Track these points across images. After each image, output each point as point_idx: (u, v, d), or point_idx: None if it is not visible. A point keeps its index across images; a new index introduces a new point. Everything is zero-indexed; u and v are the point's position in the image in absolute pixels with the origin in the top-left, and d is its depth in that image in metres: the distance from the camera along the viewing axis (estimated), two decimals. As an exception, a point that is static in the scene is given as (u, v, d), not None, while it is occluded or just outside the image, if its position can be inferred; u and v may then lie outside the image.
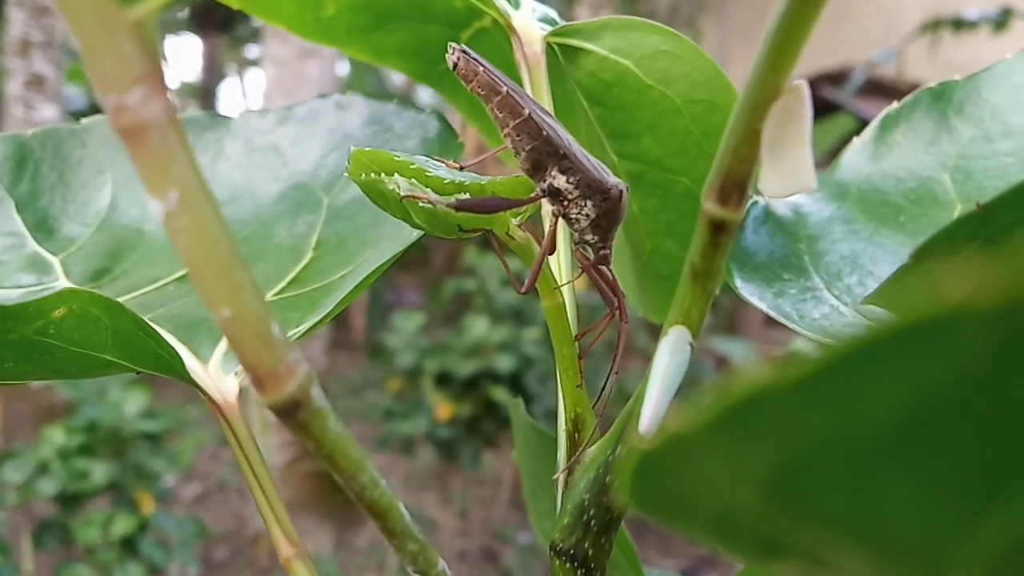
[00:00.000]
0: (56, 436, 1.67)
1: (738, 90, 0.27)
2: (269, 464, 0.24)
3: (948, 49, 3.11)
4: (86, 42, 0.13)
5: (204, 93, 6.43)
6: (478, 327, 2.27)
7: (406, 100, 0.34)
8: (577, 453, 0.23)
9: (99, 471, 1.65)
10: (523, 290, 0.22)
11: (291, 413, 0.15)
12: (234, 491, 2.70)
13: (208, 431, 2.35)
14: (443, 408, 2.25)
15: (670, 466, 0.10)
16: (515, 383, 2.22)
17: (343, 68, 2.70)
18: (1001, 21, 2.73)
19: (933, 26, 2.89)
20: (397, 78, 4.20)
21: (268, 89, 2.26)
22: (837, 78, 3.44)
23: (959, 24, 2.84)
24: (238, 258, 0.14)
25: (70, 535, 1.64)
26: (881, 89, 3.53)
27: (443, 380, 2.26)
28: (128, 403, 1.73)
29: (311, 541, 2.10)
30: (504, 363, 2.19)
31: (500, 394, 2.18)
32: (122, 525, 1.63)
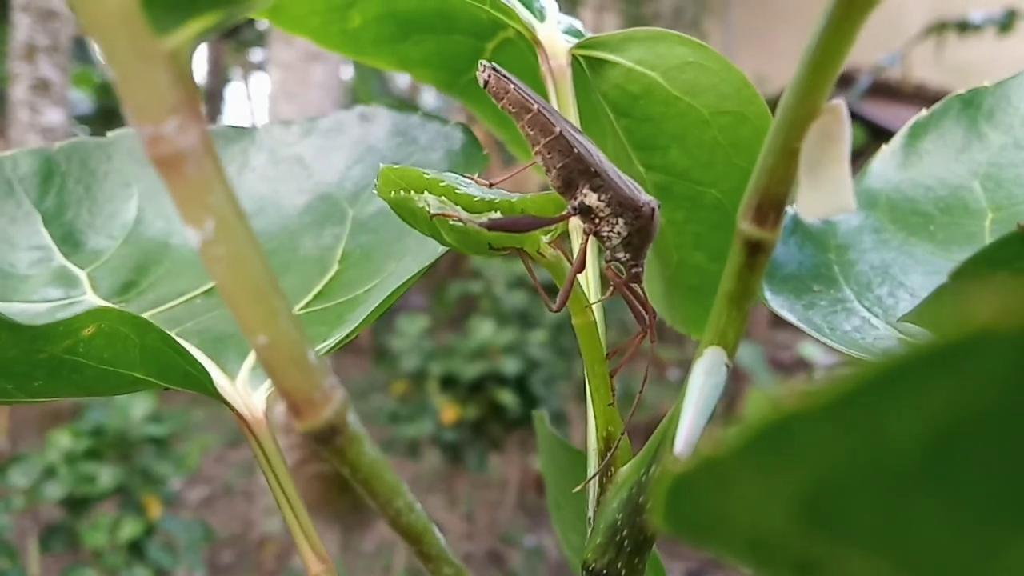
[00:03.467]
0: (63, 440, 1.67)
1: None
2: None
3: (953, 51, 3.11)
4: (121, 72, 0.13)
5: (209, 97, 6.44)
6: (484, 330, 2.26)
7: (410, 108, 0.34)
8: (601, 465, 0.23)
9: (106, 475, 1.65)
10: (555, 308, 0.22)
11: (327, 439, 0.15)
12: (240, 494, 2.70)
13: (214, 434, 2.35)
14: (449, 411, 2.24)
15: (703, 490, 0.10)
16: (521, 386, 2.22)
17: (348, 72, 2.70)
18: (1006, 23, 2.73)
19: (938, 28, 2.89)
20: (401, 82, 4.20)
21: (273, 93, 2.26)
22: (842, 81, 3.44)
23: (964, 26, 2.84)
24: (274, 285, 0.14)
25: (77, 539, 1.64)
26: (887, 91, 3.53)
27: (448, 383, 2.26)
28: (134, 407, 1.73)
29: (317, 544, 2.10)
30: (510, 366, 2.18)
31: (506, 397, 2.18)
32: (129, 529, 1.63)
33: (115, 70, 0.13)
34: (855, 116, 2.97)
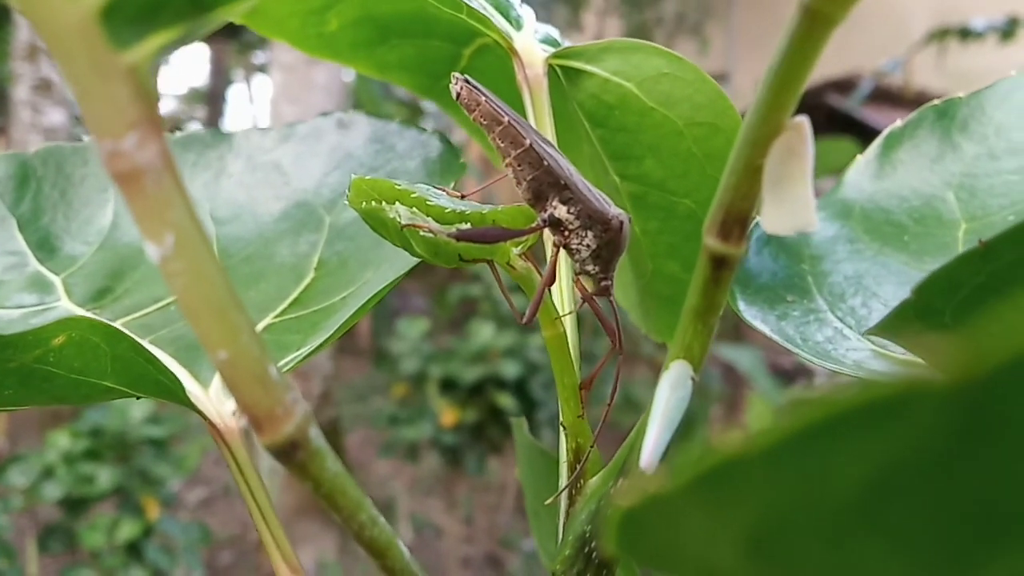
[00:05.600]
0: (62, 440, 1.68)
1: (742, 105, 0.27)
2: (272, 469, 0.24)
3: (955, 57, 3.11)
4: (80, 88, 0.13)
5: (211, 98, 6.45)
6: (483, 333, 2.26)
7: (412, 110, 0.34)
8: (572, 478, 0.23)
9: (104, 476, 1.65)
10: (524, 321, 0.22)
11: (289, 454, 0.15)
12: (238, 496, 2.69)
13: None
14: (448, 414, 2.24)
15: (651, 523, 0.11)
16: (520, 389, 2.22)
17: (350, 74, 2.71)
18: (1008, 31, 2.73)
19: (940, 35, 2.89)
20: (404, 83, 4.20)
21: (275, 95, 2.26)
22: (844, 86, 3.43)
23: (966, 33, 2.84)
24: (234, 300, 0.14)
25: (75, 539, 1.65)
26: (888, 97, 3.52)
27: (448, 386, 2.26)
28: (133, 408, 1.73)
29: (315, 547, 2.10)
30: (509, 369, 2.18)
31: (505, 400, 2.18)
32: (127, 530, 1.63)
33: (74, 86, 0.14)
34: (856, 122, 2.96)
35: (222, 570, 2.33)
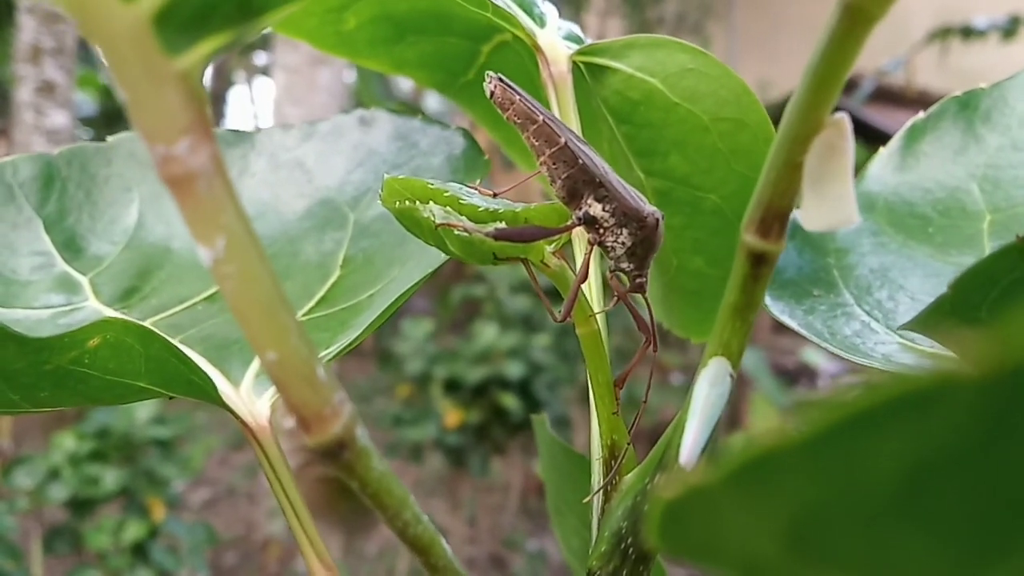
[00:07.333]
0: (67, 442, 1.68)
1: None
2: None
3: (957, 56, 3.11)
4: (133, 94, 0.13)
5: (212, 100, 6.44)
6: (487, 333, 2.26)
7: (413, 111, 0.34)
8: (610, 476, 0.23)
9: (110, 477, 1.65)
10: (560, 319, 0.22)
11: (336, 454, 0.15)
12: (243, 496, 2.71)
13: (217, 436, 2.35)
14: (452, 415, 2.24)
15: (693, 515, 0.11)
16: (524, 390, 2.22)
17: (351, 75, 2.70)
18: (1010, 29, 2.73)
19: (942, 34, 2.89)
20: (404, 85, 4.20)
21: (278, 97, 2.26)
22: (846, 86, 3.43)
23: (968, 32, 2.84)
24: (284, 302, 0.14)
25: (81, 541, 1.65)
26: (890, 97, 3.53)
27: (452, 387, 2.26)
28: (139, 409, 1.73)
29: (320, 547, 2.10)
30: (513, 370, 2.18)
31: (509, 401, 2.18)
32: (133, 531, 1.63)
33: (126, 91, 0.14)
34: (858, 122, 2.96)
35: (227, 570, 2.33)
